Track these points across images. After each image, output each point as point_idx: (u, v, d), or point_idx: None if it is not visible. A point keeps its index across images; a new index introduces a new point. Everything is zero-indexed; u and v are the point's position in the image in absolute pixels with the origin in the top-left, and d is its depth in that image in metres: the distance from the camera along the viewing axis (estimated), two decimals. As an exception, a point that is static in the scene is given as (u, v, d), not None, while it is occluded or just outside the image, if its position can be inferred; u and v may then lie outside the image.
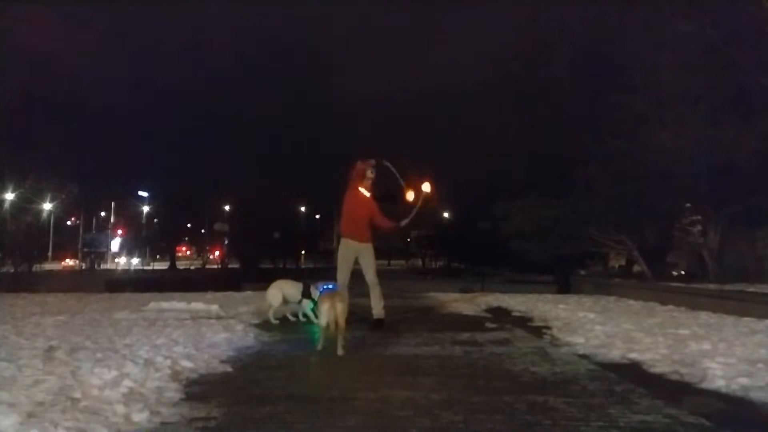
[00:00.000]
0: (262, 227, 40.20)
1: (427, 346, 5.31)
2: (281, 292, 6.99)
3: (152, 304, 8.21)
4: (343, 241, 6.71)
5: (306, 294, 6.77)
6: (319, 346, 4.95)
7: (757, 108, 10.91)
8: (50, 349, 4.48)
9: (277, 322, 6.86)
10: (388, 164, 6.89)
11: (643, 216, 13.79)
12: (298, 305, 7.05)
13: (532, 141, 15.80)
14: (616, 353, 4.75)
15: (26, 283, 14.57)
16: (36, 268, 19.84)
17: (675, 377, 3.97)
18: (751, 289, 8.53)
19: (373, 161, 6.79)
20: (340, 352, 4.69)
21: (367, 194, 6.71)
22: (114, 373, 3.56)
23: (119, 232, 53.22)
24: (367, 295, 6.66)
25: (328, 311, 4.80)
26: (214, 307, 8.00)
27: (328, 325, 4.85)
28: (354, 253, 6.62)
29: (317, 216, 69.48)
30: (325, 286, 5.26)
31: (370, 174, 6.72)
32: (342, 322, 4.78)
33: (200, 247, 59.50)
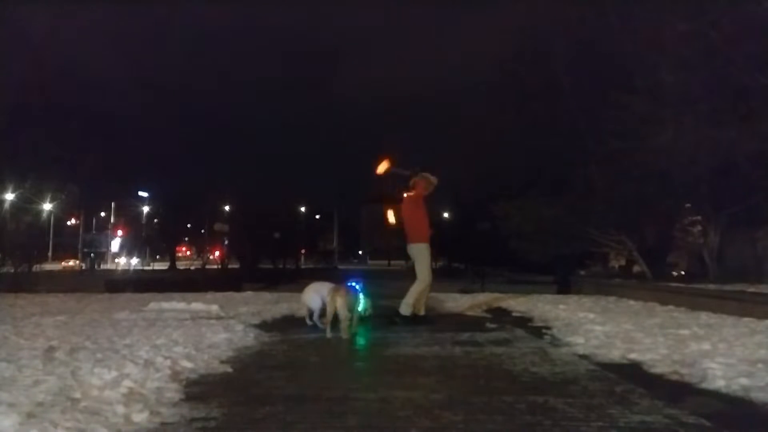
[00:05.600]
0: (262, 227, 40.14)
1: (427, 346, 5.31)
2: (319, 296, 6.45)
3: (152, 305, 8.21)
4: None
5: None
6: (328, 334, 5.69)
7: (757, 108, 10.89)
8: (50, 349, 4.48)
9: (311, 323, 6.51)
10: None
11: (643, 216, 13.79)
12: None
13: (532, 141, 15.80)
14: (616, 353, 4.75)
15: (26, 284, 14.56)
16: (36, 268, 19.81)
17: (675, 377, 3.97)
18: (751, 289, 8.52)
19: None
20: (343, 335, 5.56)
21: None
22: (114, 373, 3.56)
23: (119, 232, 53.19)
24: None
25: (330, 304, 5.74)
26: (214, 308, 8.00)
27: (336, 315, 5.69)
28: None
29: (317, 216, 69.49)
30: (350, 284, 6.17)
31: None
32: (343, 314, 5.61)
33: (200, 247, 59.44)
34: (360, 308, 6.69)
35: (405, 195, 7.13)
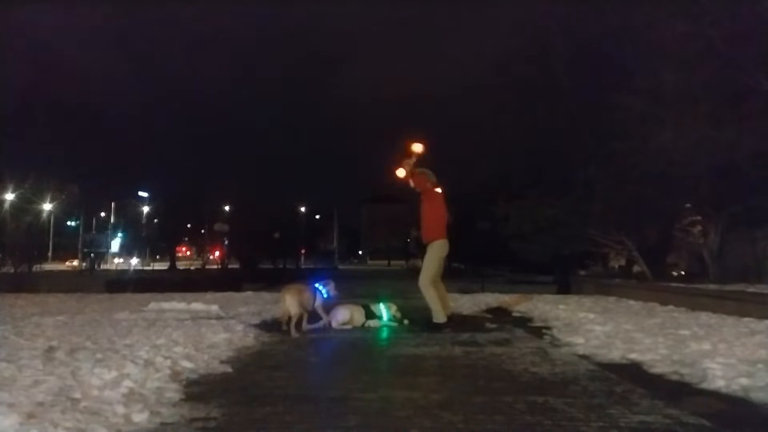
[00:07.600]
0: (262, 227, 40.09)
1: (427, 346, 5.31)
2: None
3: (152, 305, 8.22)
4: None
5: (370, 315, 6.79)
6: (284, 327, 6.09)
7: (757, 108, 10.88)
8: (50, 349, 4.48)
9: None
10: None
11: (643, 216, 13.77)
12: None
13: (532, 141, 15.78)
14: (616, 354, 4.75)
15: (26, 284, 14.57)
16: (36, 268, 19.82)
17: (675, 378, 3.97)
18: (751, 289, 8.51)
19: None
20: (292, 333, 5.90)
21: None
22: (114, 373, 3.56)
23: (119, 233, 53.17)
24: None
25: (281, 302, 6.16)
26: (214, 308, 8.00)
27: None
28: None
29: (317, 216, 69.49)
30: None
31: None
32: (293, 311, 6.01)
33: (200, 247, 59.38)
34: (385, 317, 6.73)
35: (436, 190, 7.15)
